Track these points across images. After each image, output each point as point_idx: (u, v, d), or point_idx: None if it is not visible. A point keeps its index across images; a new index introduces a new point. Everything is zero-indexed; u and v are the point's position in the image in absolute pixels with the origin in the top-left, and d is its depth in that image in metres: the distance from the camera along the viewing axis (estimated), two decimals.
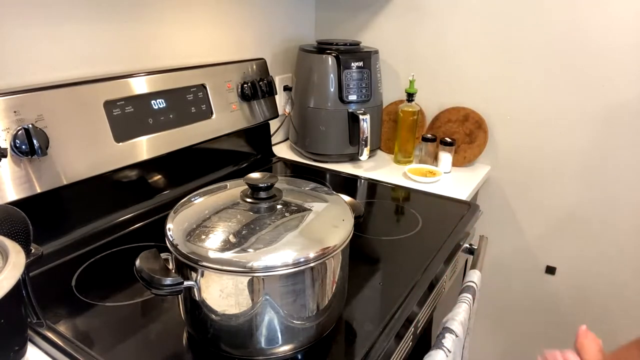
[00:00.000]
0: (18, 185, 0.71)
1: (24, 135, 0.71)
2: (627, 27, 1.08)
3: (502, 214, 1.36)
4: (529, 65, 1.21)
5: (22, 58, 0.79)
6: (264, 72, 1.23)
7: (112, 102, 0.86)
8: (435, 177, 1.18)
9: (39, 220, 0.76)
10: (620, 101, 1.13)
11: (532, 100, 1.23)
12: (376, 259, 0.82)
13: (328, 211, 0.61)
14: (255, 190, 0.60)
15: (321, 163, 1.30)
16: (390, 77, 1.43)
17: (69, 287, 0.71)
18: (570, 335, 1.35)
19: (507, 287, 1.42)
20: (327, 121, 1.25)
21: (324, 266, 0.56)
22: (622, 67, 1.10)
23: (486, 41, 1.25)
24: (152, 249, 0.56)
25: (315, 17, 1.52)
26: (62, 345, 0.59)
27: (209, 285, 0.53)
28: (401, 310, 0.67)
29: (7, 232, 0.57)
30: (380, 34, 1.41)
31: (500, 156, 1.31)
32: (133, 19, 0.95)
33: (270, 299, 0.53)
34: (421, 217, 0.98)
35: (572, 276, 1.31)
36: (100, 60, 0.91)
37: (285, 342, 0.57)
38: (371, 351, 0.59)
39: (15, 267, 0.51)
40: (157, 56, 1.02)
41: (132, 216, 0.92)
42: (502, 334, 1.48)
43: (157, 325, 0.63)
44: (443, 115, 1.33)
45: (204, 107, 1.05)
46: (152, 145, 0.92)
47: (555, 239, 1.30)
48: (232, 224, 0.56)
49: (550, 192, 1.27)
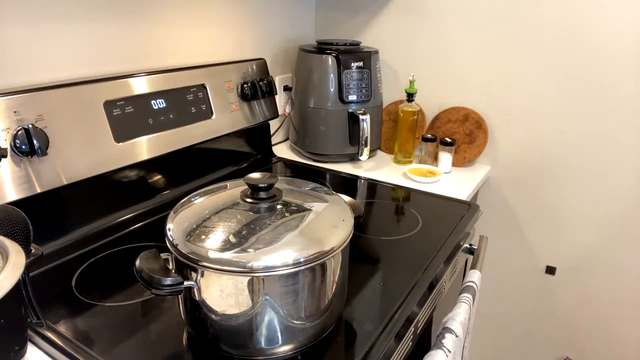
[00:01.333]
0: (18, 185, 0.71)
1: (24, 135, 0.71)
2: (627, 27, 1.08)
3: (502, 214, 1.36)
4: (529, 65, 1.21)
5: (22, 58, 0.79)
6: (264, 72, 1.23)
7: (112, 102, 0.86)
8: (435, 177, 1.18)
9: (39, 220, 0.76)
10: (620, 101, 1.13)
11: (532, 100, 1.23)
12: (376, 259, 0.82)
13: (328, 211, 0.61)
14: (255, 190, 0.60)
15: (321, 163, 1.30)
16: (390, 77, 1.43)
17: (69, 287, 0.71)
18: (570, 335, 1.36)
19: (507, 287, 1.42)
20: (327, 121, 1.25)
21: (324, 266, 0.56)
22: (622, 67, 1.10)
23: (486, 41, 1.25)
24: (152, 249, 0.56)
25: (315, 17, 1.52)
26: (62, 345, 0.59)
27: (209, 285, 0.53)
28: (401, 310, 0.67)
29: (7, 232, 0.57)
30: (380, 34, 1.41)
31: (500, 156, 1.31)
32: (133, 19, 0.95)
33: (270, 299, 0.53)
34: (421, 217, 0.98)
35: (572, 276, 1.31)
36: (100, 60, 0.91)
37: (285, 342, 0.57)
38: (371, 351, 0.59)
39: (15, 267, 0.51)
40: (157, 56, 1.02)
41: (132, 216, 0.92)
42: (502, 334, 1.48)
43: (157, 325, 0.63)
44: (443, 115, 1.33)
45: (204, 107, 1.05)
46: (152, 145, 0.92)
47: (555, 239, 1.30)
48: (232, 224, 0.56)
49: (550, 192, 1.27)
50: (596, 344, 1.32)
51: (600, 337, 1.31)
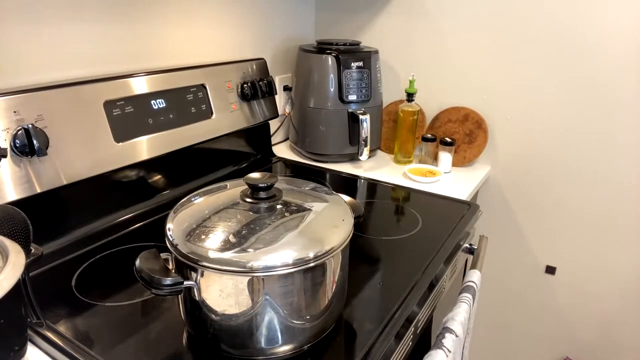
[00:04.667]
0: (18, 185, 0.71)
1: (24, 135, 0.71)
2: (627, 27, 1.07)
3: (502, 214, 1.36)
4: (529, 65, 1.21)
5: (23, 58, 0.79)
6: (263, 72, 1.23)
7: (112, 102, 0.86)
8: (435, 177, 1.18)
9: (39, 220, 0.76)
10: (620, 101, 1.13)
11: (532, 100, 1.23)
12: (376, 259, 0.82)
13: (328, 211, 0.61)
14: (255, 190, 0.60)
15: (321, 163, 1.30)
16: (390, 77, 1.43)
17: (69, 287, 0.71)
18: (570, 335, 1.36)
19: (507, 287, 1.42)
20: (327, 121, 1.25)
21: (323, 266, 0.56)
22: (622, 67, 1.10)
23: (486, 41, 1.25)
24: (152, 249, 0.56)
25: (315, 17, 1.52)
26: (62, 345, 0.59)
27: (208, 285, 0.53)
28: (401, 310, 0.67)
29: (7, 232, 0.57)
30: (380, 34, 1.41)
31: (500, 156, 1.31)
32: (133, 19, 0.95)
33: (270, 299, 0.53)
34: (421, 217, 0.98)
35: (572, 276, 1.31)
36: (100, 60, 0.91)
37: (285, 342, 0.57)
38: (371, 351, 0.59)
39: (15, 267, 0.51)
40: (157, 56, 1.02)
41: (132, 216, 0.92)
42: (502, 334, 1.48)
43: (157, 325, 0.63)
44: (443, 115, 1.33)
45: (204, 107, 1.05)
46: (152, 145, 0.92)
47: (555, 239, 1.30)
48: (232, 224, 0.56)
49: (551, 191, 1.27)
50: (596, 344, 1.32)
51: (600, 337, 1.31)
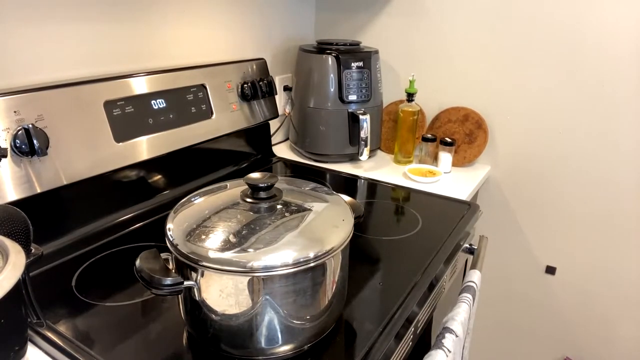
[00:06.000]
0: (18, 185, 0.71)
1: (24, 135, 0.71)
2: (627, 28, 1.07)
3: (502, 214, 1.36)
4: (529, 65, 1.21)
5: (23, 58, 0.79)
6: (264, 72, 1.23)
7: (112, 102, 0.86)
8: (435, 177, 1.18)
9: (39, 220, 0.76)
10: (620, 101, 1.13)
11: (532, 100, 1.23)
12: (376, 259, 0.82)
13: (328, 211, 0.61)
14: (255, 190, 0.60)
15: (321, 163, 1.30)
16: (390, 77, 1.43)
17: (69, 287, 0.71)
18: (570, 335, 1.36)
19: (507, 287, 1.42)
20: (327, 121, 1.25)
21: (323, 266, 0.56)
22: (622, 67, 1.10)
23: (486, 41, 1.25)
24: (152, 249, 0.56)
25: (315, 17, 1.52)
26: (62, 345, 0.59)
27: (209, 285, 0.53)
28: (401, 310, 0.67)
29: (7, 232, 0.57)
30: (380, 34, 1.41)
31: (500, 156, 1.31)
32: (133, 19, 0.95)
33: (270, 299, 0.53)
34: (421, 217, 0.98)
35: (572, 276, 1.31)
36: (100, 60, 0.91)
37: (285, 342, 0.57)
38: (371, 351, 0.59)
39: (15, 267, 0.51)
40: (158, 56, 1.02)
41: (132, 216, 0.92)
42: (502, 334, 1.48)
43: (157, 325, 0.63)
44: (443, 115, 1.33)
45: (204, 107, 1.05)
46: (152, 145, 0.92)
47: (555, 239, 1.30)
48: (232, 224, 0.56)
49: (551, 191, 1.27)
50: (596, 344, 1.32)
51: (600, 337, 1.31)
